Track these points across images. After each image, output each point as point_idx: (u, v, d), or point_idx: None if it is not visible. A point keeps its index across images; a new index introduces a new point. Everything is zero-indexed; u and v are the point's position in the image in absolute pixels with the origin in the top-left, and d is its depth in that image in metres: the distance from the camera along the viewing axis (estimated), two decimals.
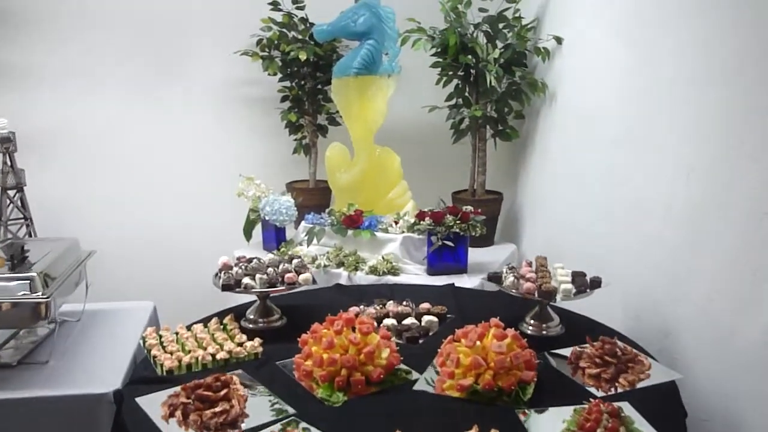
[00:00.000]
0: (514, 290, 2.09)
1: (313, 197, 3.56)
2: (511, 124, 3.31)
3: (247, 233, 3.28)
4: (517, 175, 3.50)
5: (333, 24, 3.13)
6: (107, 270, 3.65)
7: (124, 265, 3.78)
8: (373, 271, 2.86)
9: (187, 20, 3.65)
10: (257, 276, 2.11)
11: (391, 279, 2.83)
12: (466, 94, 3.30)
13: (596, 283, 2.10)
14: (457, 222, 2.78)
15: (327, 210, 3.18)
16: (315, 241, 3.02)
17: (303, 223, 3.14)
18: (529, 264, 2.28)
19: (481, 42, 3.07)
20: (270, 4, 3.41)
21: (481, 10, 3.17)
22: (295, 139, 3.64)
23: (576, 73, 2.84)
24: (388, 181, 3.23)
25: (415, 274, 2.89)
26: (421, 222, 2.82)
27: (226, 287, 2.08)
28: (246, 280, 2.10)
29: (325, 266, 2.94)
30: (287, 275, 2.12)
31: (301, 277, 2.14)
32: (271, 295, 2.17)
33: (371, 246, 2.96)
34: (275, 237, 3.18)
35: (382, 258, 2.89)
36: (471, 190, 3.40)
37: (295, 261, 2.27)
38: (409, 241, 2.93)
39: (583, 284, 2.09)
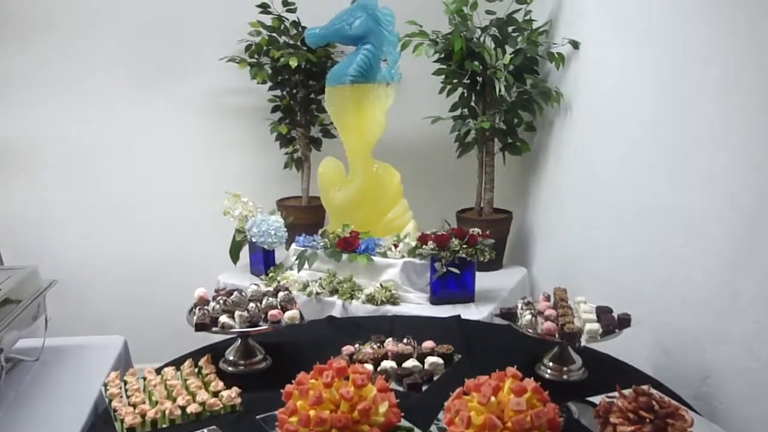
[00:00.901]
0: (530, 330, 1.86)
1: (305, 216, 3.33)
2: (521, 136, 3.08)
3: (234, 255, 3.05)
4: (527, 192, 3.27)
5: (326, 27, 2.91)
6: (75, 299, 3.45)
7: (95, 293, 3.58)
8: (371, 299, 2.62)
9: (169, 25, 3.44)
10: (237, 313, 1.88)
11: (390, 309, 2.60)
12: (472, 103, 3.07)
13: (625, 322, 1.87)
14: (464, 246, 2.55)
15: (320, 231, 2.94)
16: (306, 266, 2.79)
17: (293, 246, 2.91)
18: (547, 298, 2.05)
19: (489, 47, 2.83)
20: (259, 6, 3.18)
21: (488, 12, 2.94)
22: (286, 153, 3.41)
23: (594, 81, 2.61)
24: (387, 200, 2.99)
25: (416, 304, 2.66)
26: (424, 246, 2.59)
27: (200, 327, 1.85)
28: (223, 318, 1.86)
29: (317, 294, 2.71)
30: (271, 312, 1.89)
31: (287, 314, 1.90)
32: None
33: (368, 272, 2.73)
34: (263, 260, 2.95)
35: (381, 285, 2.66)
36: (477, 208, 3.17)
37: (281, 294, 2.03)
38: (410, 267, 2.69)
39: (611, 323, 1.86)
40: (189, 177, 3.60)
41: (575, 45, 2.73)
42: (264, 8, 3.19)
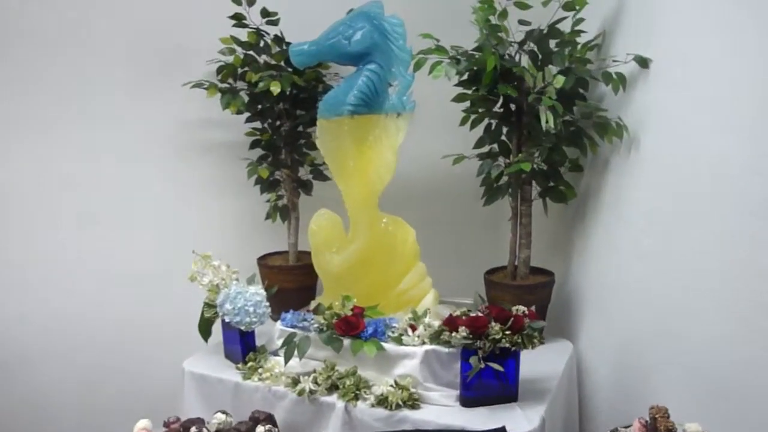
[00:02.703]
0: None
1: (293, 278, 2.71)
2: (565, 178, 2.47)
3: (204, 331, 2.42)
4: (570, 247, 2.65)
5: (318, 42, 2.30)
6: None
7: (22, 384, 2.89)
8: (382, 402, 2.00)
9: (120, 43, 2.80)
10: None
11: (408, 415, 1.98)
12: (503, 137, 2.46)
13: None
14: (507, 333, 1.93)
15: (312, 305, 2.31)
16: (296, 353, 2.14)
17: (279, 325, 2.28)
18: (645, 426, 1.43)
19: (531, 66, 2.22)
20: (231, 18, 2.57)
21: (521, 22, 2.34)
22: (269, 201, 2.77)
23: (677, 111, 2.00)
24: (400, 265, 2.36)
25: (442, 406, 2.03)
26: (454, 334, 1.96)
27: None
28: None
29: (311, 392, 2.08)
30: None
31: None
32: None
33: (379, 363, 2.10)
34: (240, 342, 2.32)
35: (395, 383, 2.03)
36: (511, 268, 2.54)
37: (261, 430, 1.39)
38: (433, 357, 2.06)
39: None
40: (149, 229, 2.94)
41: (644, 63, 2.12)
42: (238, 20, 2.58)
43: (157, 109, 2.85)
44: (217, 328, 2.43)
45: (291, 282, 2.68)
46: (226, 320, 2.25)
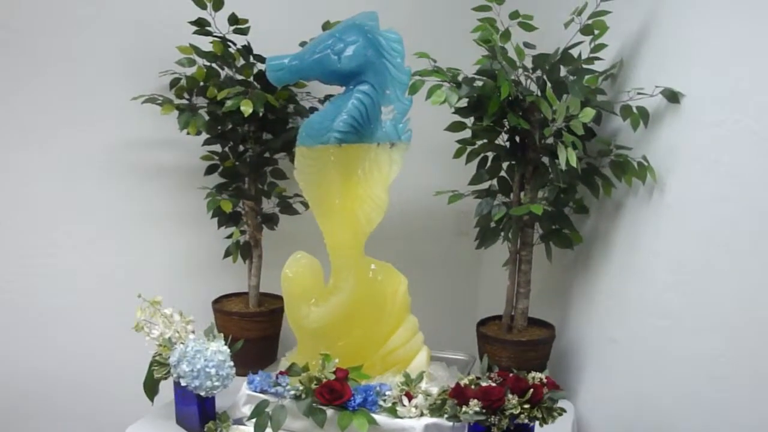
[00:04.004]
0: None
1: (255, 327, 2.36)
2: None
3: (150, 390, 2.05)
4: (569, 296, 2.39)
5: (302, 57, 1.97)
6: None
7: None
8: None
9: (60, 50, 2.42)
10: None
11: None
12: (503, 173, 2.20)
13: None
14: (525, 406, 1.65)
15: (285, 364, 1.98)
16: (269, 426, 1.81)
17: (245, 388, 1.94)
18: None
19: (551, 95, 1.94)
20: (193, 23, 2.23)
21: (526, 45, 2.08)
22: (230, 237, 2.40)
23: (705, 150, 1.79)
24: (389, 320, 2.05)
25: None
26: (464, 408, 1.66)
27: None
28: None
29: None
30: None
31: None
32: None
33: None
34: (197, 406, 1.96)
35: None
36: (506, 320, 2.26)
37: None
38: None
39: None
40: (88, 265, 2.54)
41: (674, 97, 1.88)
42: (200, 26, 2.23)
43: (98, 129, 2.48)
44: (166, 384, 2.07)
45: (252, 331, 2.33)
46: (183, 384, 1.89)
